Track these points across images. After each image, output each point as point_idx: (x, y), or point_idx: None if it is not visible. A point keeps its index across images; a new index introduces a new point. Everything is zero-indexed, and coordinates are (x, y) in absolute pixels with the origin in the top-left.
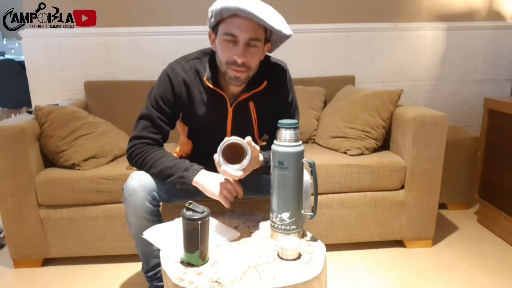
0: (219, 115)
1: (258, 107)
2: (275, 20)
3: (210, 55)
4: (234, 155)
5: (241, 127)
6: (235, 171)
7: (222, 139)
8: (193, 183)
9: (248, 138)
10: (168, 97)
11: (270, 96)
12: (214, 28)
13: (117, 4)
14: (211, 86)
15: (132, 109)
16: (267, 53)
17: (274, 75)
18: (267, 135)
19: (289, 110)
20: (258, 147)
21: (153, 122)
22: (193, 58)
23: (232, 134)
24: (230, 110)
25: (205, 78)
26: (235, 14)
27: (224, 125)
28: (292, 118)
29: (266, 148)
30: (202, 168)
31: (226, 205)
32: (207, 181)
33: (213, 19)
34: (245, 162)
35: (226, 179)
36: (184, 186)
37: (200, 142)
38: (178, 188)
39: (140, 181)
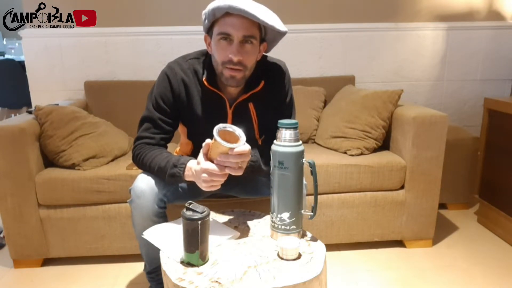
0: (218, 116)
1: (258, 108)
2: (267, 16)
3: (207, 56)
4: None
5: (241, 128)
6: (243, 145)
7: None
8: (186, 178)
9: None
10: (168, 96)
11: (269, 96)
12: (209, 31)
13: (117, 4)
14: (209, 87)
15: (132, 109)
16: (265, 53)
17: (272, 75)
18: (264, 134)
19: (287, 109)
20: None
21: (155, 123)
22: (192, 58)
23: None
24: (229, 112)
25: (203, 79)
26: (228, 12)
27: None
28: (289, 117)
29: (262, 148)
30: (189, 160)
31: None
32: (195, 177)
33: (206, 21)
34: (244, 138)
35: (210, 173)
36: (179, 183)
37: (200, 143)
38: (181, 188)
39: (149, 183)
